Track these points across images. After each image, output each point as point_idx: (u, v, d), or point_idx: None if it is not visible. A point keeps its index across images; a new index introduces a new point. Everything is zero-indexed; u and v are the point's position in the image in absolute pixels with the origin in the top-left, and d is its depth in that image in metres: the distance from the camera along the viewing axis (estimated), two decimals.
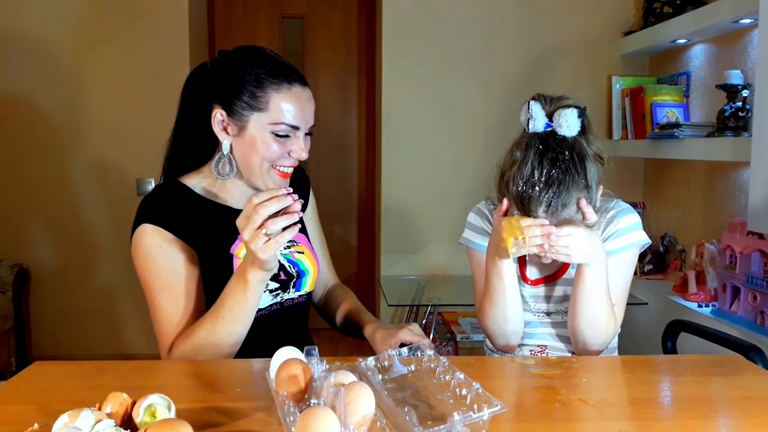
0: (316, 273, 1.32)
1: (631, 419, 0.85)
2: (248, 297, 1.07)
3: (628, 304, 1.27)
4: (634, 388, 0.97)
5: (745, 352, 1.19)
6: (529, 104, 1.10)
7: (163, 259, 1.14)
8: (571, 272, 1.22)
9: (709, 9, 2.30)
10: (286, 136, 1.16)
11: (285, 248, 1.28)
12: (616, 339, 1.28)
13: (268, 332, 1.19)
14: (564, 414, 0.85)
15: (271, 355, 0.89)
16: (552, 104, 1.11)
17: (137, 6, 2.96)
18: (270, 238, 0.99)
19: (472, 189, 2.92)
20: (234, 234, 1.20)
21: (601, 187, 1.13)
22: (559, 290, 1.24)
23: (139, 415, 0.74)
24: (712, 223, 2.50)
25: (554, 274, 1.24)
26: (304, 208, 1.41)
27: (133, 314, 3.10)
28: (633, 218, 1.21)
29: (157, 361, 1.04)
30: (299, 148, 1.18)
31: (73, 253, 3.05)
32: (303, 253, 1.31)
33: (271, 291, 1.22)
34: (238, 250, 1.20)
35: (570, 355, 1.25)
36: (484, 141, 2.98)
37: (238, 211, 1.22)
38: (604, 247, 1.15)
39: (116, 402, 0.75)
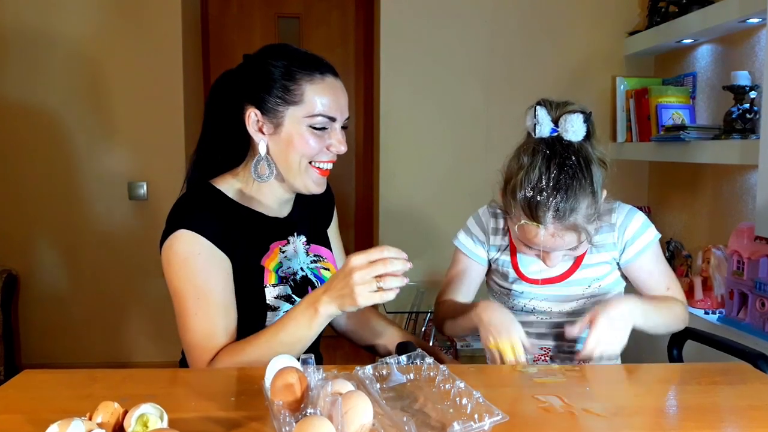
0: None
1: (635, 429, 0.83)
2: (313, 328, 1.05)
3: None
4: (639, 397, 0.96)
5: (752, 360, 1.17)
6: (535, 109, 1.11)
7: (201, 267, 1.10)
8: (576, 274, 1.22)
9: (716, 8, 2.28)
10: (323, 128, 1.15)
11: (312, 262, 1.26)
12: None
13: None
14: (567, 424, 0.84)
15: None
16: (557, 110, 1.12)
17: (128, 6, 2.92)
18: (377, 291, 0.99)
19: (472, 192, 2.89)
20: (265, 245, 1.19)
21: (605, 191, 1.14)
22: (564, 291, 1.24)
23: (131, 425, 0.73)
24: (719, 227, 2.47)
25: (560, 276, 1.24)
26: (328, 223, 1.40)
27: (125, 321, 3.06)
28: (641, 217, 1.24)
29: (149, 370, 1.03)
30: (338, 141, 1.17)
31: (64, 259, 3.01)
32: (329, 269, 1.29)
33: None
34: (269, 262, 1.17)
35: (574, 355, 1.24)
36: (484, 143, 2.96)
37: (271, 219, 1.22)
38: (627, 264, 1.22)
39: (107, 411, 0.74)
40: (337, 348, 2.84)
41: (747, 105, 2.11)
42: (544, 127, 1.10)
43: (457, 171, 2.96)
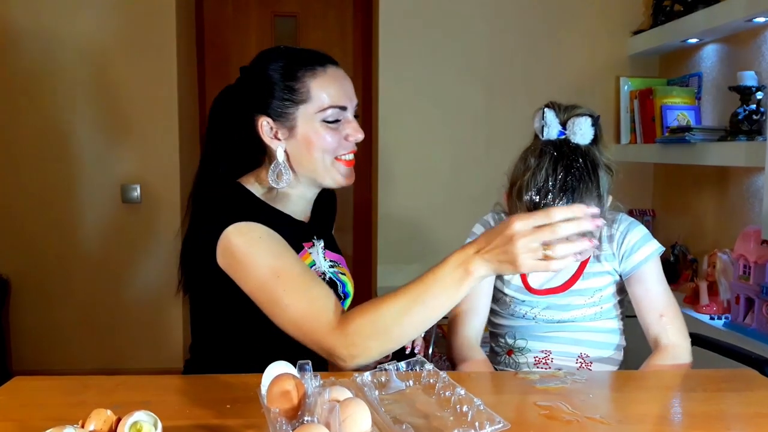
0: (353, 297, 1.28)
1: None
2: (461, 289, 0.95)
3: (635, 316, 1.25)
4: (642, 404, 0.95)
5: (759, 366, 1.18)
6: (543, 112, 1.12)
7: (266, 247, 1.04)
8: (578, 284, 1.22)
9: (722, 7, 2.26)
10: (336, 120, 1.15)
11: (330, 267, 1.23)
12: (621, 353, 1.28)
13: (301, 351, 1.04)
14: (570, 431, 0.82)
15: None
16: (566, 112, 1.13)
17: (121, 6, 2.88)
18: (544, 259, 0.89)
19: (473, 196, 2.87)
20: (299, 243, 1.17)
21: (611, 197, 1.15)
22: (567, 300, 1.23)
23: None
24: (725, 231, 2.45)
25: (563, 285, 1.23)
26: (331, 228, 1.38)
27: (118, 327, 3.00)
28: (642, 230, 1.24)
29: (143, 377, 1.01)
30: (353, 129, 1.17)
31: (56, 263, 2.95)
32: (345, 274, 1.27)
33: None
34: (304, 259, 1.16)
35: (576, 359, 1.24)
36: (485, 146, 2.94)
37: (298, 222, 1.20)
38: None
39: (100, 419, 0.74)
40: None
41: (753, 106, 2.10)
42: (552, 130, 1.11)
43: (458, 173, 2.94)
